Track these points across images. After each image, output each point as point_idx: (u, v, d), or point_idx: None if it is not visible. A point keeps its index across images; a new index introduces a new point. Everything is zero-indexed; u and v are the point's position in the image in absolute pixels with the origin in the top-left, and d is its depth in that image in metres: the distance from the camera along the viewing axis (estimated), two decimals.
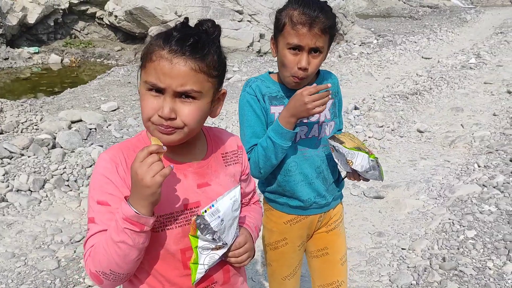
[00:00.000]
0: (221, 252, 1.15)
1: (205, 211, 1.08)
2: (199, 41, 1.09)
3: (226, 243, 1.15)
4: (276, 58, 1.63)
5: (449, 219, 3.36)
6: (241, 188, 1.25)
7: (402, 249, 3.10)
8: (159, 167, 1.02)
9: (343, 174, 1.81)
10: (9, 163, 4.22)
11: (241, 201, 1.20)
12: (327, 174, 1.72)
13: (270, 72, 1.73)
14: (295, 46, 1.52)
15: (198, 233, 1.09)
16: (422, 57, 10.15)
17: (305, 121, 1.63)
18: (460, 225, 3.24)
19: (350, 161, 1.57)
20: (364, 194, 3.91)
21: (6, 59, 10.38)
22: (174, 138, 1.11)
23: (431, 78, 8.01)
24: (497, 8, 24.10)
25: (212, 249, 1.12)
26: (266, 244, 1.81)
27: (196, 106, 1.10)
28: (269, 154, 1.56)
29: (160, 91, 1.08)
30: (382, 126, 5.56)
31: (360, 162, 1.56)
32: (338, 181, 1.81)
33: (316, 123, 1.66)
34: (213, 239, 1.10)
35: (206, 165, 1.22)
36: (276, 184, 1.70)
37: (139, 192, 1.02)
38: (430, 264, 2.86)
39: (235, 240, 1.20)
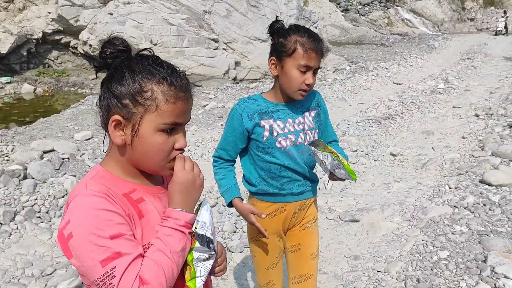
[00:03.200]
0: (211, 261, 1.19)
1: (195, 228, 1.15)
2: (185, 74, 1.18)
3: (215, 251, 1.20)
4: (275, 76, 1.88)
5: (423, 240, 3.41)
6: None
7: (378, 271, 3.12)
8: (198, 168, 1.17)
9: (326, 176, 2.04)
10: None
11: None
12: (308, 171, 1.98)
13: (262, 93, 1.99)
14: (305, 67, 1.79)
15: (196, 244, 1.14)
16: (394, 83, 10.45)
17: (292, 130, 1.89)
18: (433, 246, 3.29)
19: (323, 161, 1.82)
20: (340, 218, 3.94)
21: None
22: None
23: (403, 102, 8.24)
24: (464, 35, 25.15)
25: (205, 259, 1.17)
26: (249, 237, 2.06)
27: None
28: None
29: (172, 129, 1.14)
30: (356, 150, 5.66)
31: (329, 161, 1.81)
32: (314, 180, 2.05)
33: (301, 131, 1.91)
34: (208, 247, 1.16)
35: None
36: (266, 179, 1.94)
37: (191, 195, 1.14)
38: (405, 286, 2.88)
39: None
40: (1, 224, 3.80)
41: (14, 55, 11.72)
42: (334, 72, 11.38)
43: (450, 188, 4.43)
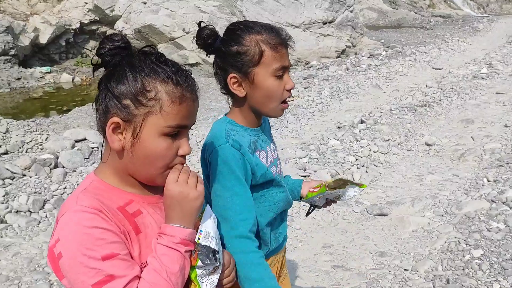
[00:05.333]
0: (217, 274, 1.11)
1: (198, 239, 1.06)
2: (191, 73, 1.10)
3: (220, 263, 1.12)
4: (243, 95, 1.40)
5: (455, 237, 3.23)
6: None
7: (405, 270, 2.97)
8: (196, 179, 1.05)
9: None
10: (10, 184, 4.23)
11: None
12: (286, 213, 1.62)
13: (226, 114, 1.50)
14: (281, 69, 1.38)
15: (199, 262, 1.05)
16: (433, 68, 10.00)
17: (272, 160, 1.49)
18: (466, 244, 3.11)
19: (338, 196, 1.61)
20: (367, 212, 3.79)
21: (18, 79, 10.55)
22: None
23: (441, 89, 7.87)
24: (511, 16, 23.79)
25: (210, 273, 1.08)
26: None
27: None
28: None
29: (176, 134, 1.05)
30: (388, 140, 5.44)
31: (349, 193, 1.60)
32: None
33: (277, 159, 1.54)
34: (214, 258, 1.07)
35: None
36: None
37: (185, 210, 1.03)
38: (434, 286, 2.73)
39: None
40: (31, 212, 3.89)
41: (53, 45, 12.04)
42: (369, 57, 11.01)
43: (488, 181, 4.18)
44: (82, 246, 0.93)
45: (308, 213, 1.73)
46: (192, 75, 1.08)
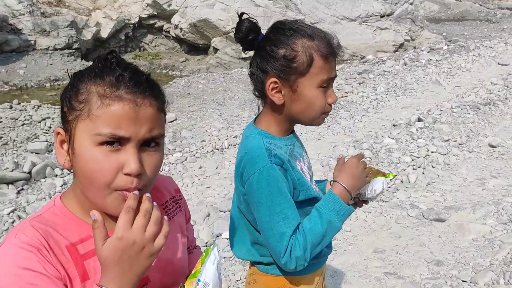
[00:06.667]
0: None
1: None
2: (149, 75, 0.92)
3: None
4: (281, 103, 1.28)
5: None
6: (187, 236, 1.09)
7: (463, 281, 2.78)
8: (157, 228, 0.83)
9: None
10: (68, 174, 4.41)
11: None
12: None
13: (254, 121, 1.39)
14: (328, 80, 1.27)
15: None
16: (499, 64, 9.38)
17: (309, 171, 1.40)
18: None
19: (360, 195, 1.39)
20: (423, 216, 3.60)
21: None
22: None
23: (507, 86, 7.37)
24: None
25: None
26: None
27: (160, 154, 0.90)
28: (327, 240, 1.29)
29: (116, 143, 0.85)
30: (448, 140, 5.15)
31: (375, 188, 1.38)
32: None
33: (310, 170, 1.43)
34: None
35: None
36: None
37: (132, 269, 0.82)
38: None
39: None
40: None
41: (113, 39, 12.50)
42: (429, 52, 10.51)
43: None
44: None
45: None
46: (148, 77, 0.90)
